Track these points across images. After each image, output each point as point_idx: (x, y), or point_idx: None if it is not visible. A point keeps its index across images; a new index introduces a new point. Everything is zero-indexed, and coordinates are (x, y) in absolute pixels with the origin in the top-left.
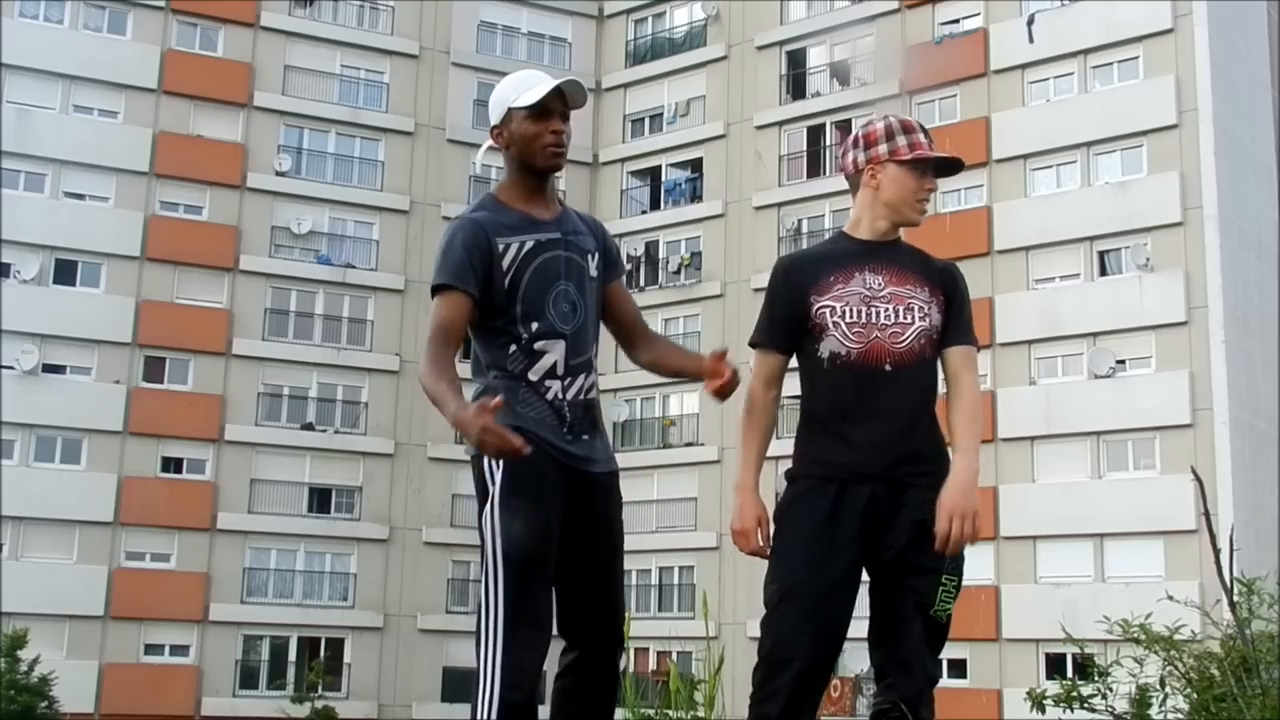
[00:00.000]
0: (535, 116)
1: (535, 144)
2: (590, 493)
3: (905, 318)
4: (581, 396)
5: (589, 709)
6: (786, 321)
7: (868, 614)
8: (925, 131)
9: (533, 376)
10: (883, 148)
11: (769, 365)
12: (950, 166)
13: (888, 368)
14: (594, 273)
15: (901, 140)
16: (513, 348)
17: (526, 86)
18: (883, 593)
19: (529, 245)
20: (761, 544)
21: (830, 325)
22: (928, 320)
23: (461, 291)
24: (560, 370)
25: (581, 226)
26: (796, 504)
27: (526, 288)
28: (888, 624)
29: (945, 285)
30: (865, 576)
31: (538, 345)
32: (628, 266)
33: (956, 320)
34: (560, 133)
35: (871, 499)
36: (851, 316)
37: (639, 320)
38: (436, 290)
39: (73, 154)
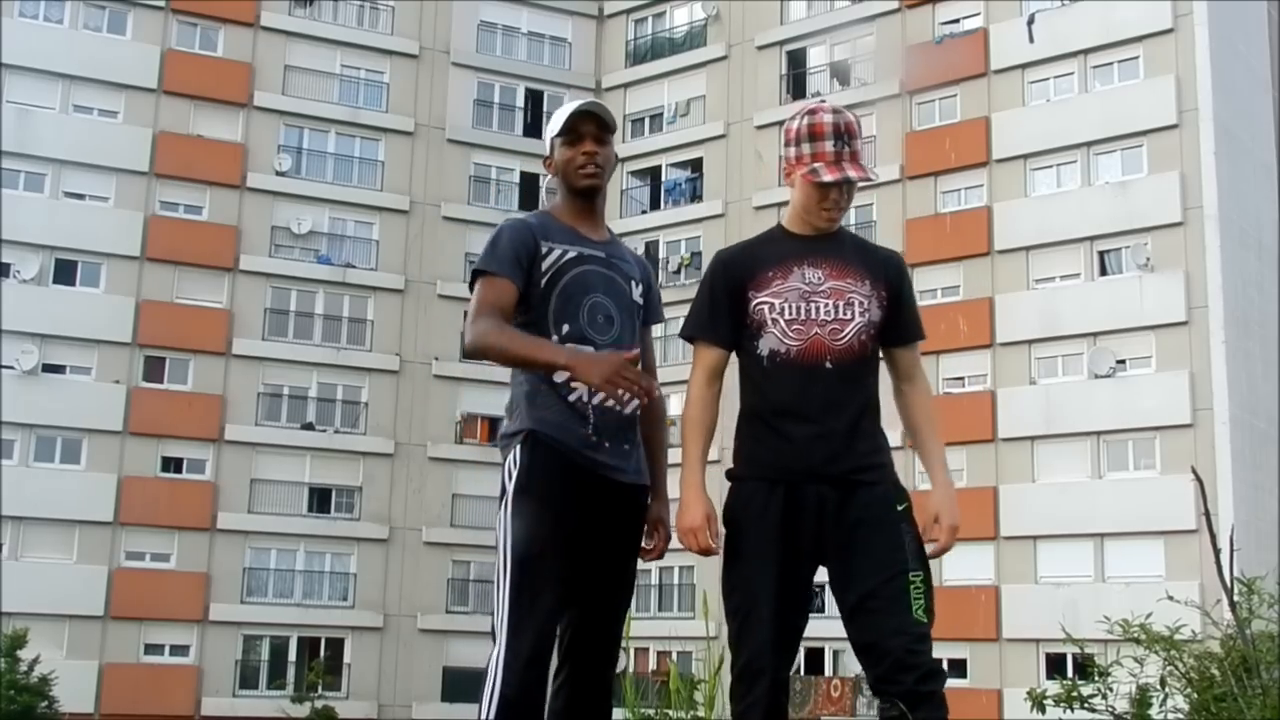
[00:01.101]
0: (568, 142)
1: (570, 166)
2: (614, 500)
3: (845, 314)
4: (610, 402)
5: None
6: (727, 315)
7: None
8: (839, 136)
9: (557, 378)
10: (791, 151)
11: (711, 360)
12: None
13: (828, 365)
14: (637, 299)
15: (805, 149)
16: None
17: (560, 115)
18: (849, 596)
19: (571, 254)
20: (710, 542)
21: (769, 322)
22: (867, 316)
23: (506, 278)
24: None
25: (629, 257)
26: (749, 508)
27: (562, 291)
28: (864, 629)
29: (889, 277)
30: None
31: (565, 348)
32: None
33: (903, 315)
34: (592, 154)
35: (819, 500)
36: (791, 313)
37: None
38: (480, 275)
39: (73, 154)
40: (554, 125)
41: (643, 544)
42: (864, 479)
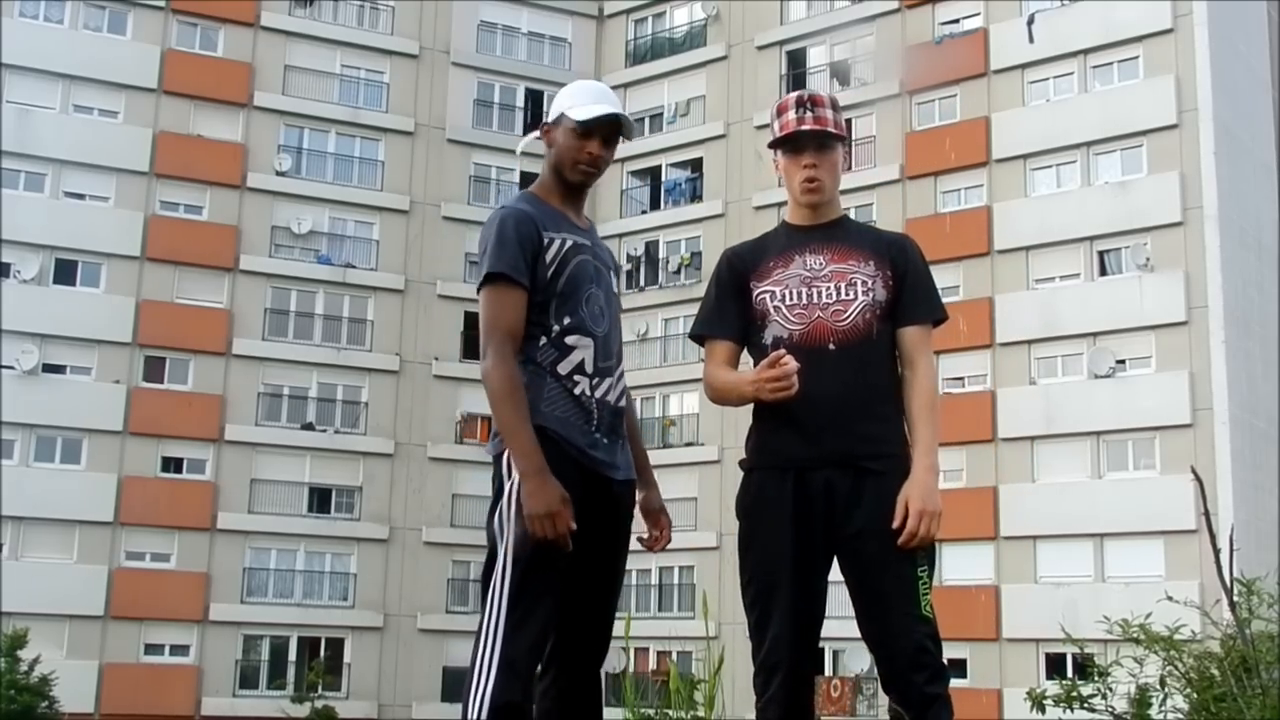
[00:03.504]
0: (581, 133)
1: (568, 156)
2: (607, 498)
3: (848, 294)
4: (609, 398)
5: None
6: (733, 311)
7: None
8: (806, 104)
9: (562, 370)
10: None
11: (720, 352)
12: (822, 136)
13: (831, 347)
14: (615, 288)
15: (775, 124)
16: (543, 340)
17: (585, 100)
18: (860, 592)
19: (570, 243)
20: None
21: (771, 310)
22: (871, 295)
23: (520, 287)
24: (589, 368)
25: (603, 245)
26: (759, 499)
27: (565, 283)
28: (875, 627)
29: (893, 258)
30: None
31: (569, 340)
32: (626, 267)
33: (908, 295)
34: (596, 156)
35: (828, 486)
36: (792, 299)
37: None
38: (495, 278)
39: (73, 154)
40: (572, 104)
41: (648, 534)
42: (873, 466)
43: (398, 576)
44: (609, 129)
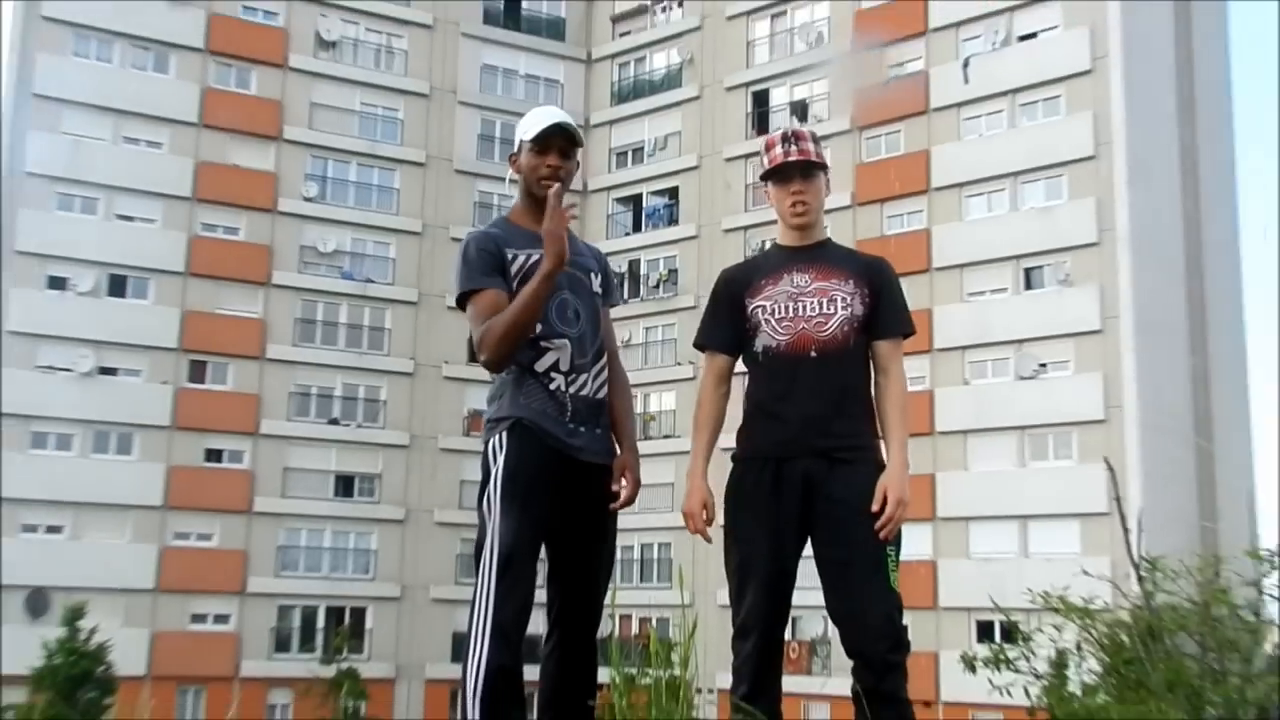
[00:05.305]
0: (537, 150)
1: (534, 174)
2: (589, 482)
3: (829, 309)
4: (585, 392)
5: (570, 685)
6: (729, 323)
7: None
8: (790, 139)
9: (538, 368)
10: (760, 174)
11: (716, 364)
12: (806, 166)
13: (813, 354)
14: (596, 289)
15: (764, 158)
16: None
17: (535, 122)
18: (831, 565)
19: (535, 257)
20: (704, 525)
21: (762, 322)
22: (850, 310)
23: (491, 289)
24: (564, 367)
25: (584, 250)
26: (742, 484)
27: None
28: (843, 597)
29: (870, 278)
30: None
31: (542, 343)
32: (623, 299)
33: (883, 311)
34: (556, 167)
35: (805, 474)
36: (780, 312)
37: (612, 352)
38: (467, 297)
39: (123, 180)
40: (526, 129)
41: (613, 487)
42: (844, 457)
43: (413, 553)
44: (561, 140)
